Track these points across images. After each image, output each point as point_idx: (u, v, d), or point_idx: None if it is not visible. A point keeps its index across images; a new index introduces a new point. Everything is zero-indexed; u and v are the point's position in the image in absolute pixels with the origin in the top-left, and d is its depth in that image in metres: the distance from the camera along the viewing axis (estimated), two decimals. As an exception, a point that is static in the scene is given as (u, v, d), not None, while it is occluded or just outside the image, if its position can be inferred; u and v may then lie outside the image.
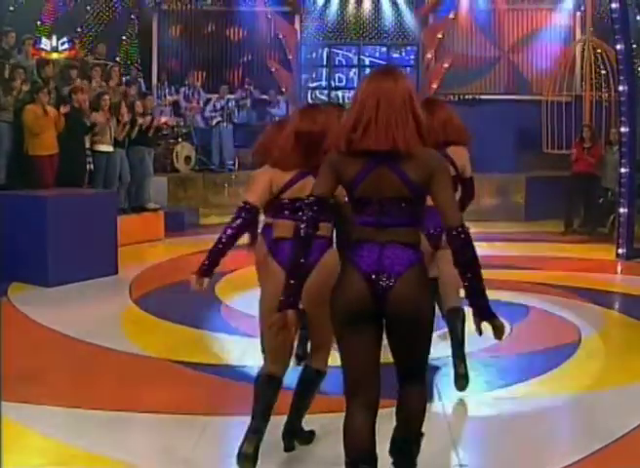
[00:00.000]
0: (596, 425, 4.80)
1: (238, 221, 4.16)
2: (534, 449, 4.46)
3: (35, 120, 10.27)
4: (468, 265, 3.26)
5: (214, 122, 15.87)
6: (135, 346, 6.29)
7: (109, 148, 11.30)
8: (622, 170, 10.37)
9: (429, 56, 16.79)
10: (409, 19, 16.99)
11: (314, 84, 16.37)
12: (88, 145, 11.24)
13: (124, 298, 7.97)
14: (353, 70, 16.35)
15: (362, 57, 16.34)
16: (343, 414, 3.45)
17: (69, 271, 8.39)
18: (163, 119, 14.62)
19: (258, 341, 6.43)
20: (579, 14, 16.52)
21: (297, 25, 17.37)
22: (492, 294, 8.06)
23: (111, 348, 6.21)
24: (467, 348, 6.16)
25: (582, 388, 5.41)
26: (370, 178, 3.26)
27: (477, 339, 6.37)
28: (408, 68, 16.25)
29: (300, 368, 4.49)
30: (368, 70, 16.24)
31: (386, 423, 3.57)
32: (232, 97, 16.32)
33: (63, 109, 10.60)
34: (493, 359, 6.05)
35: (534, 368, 5.81)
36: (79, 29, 15.95)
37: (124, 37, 16.95)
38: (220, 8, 17.40)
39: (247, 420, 4.07)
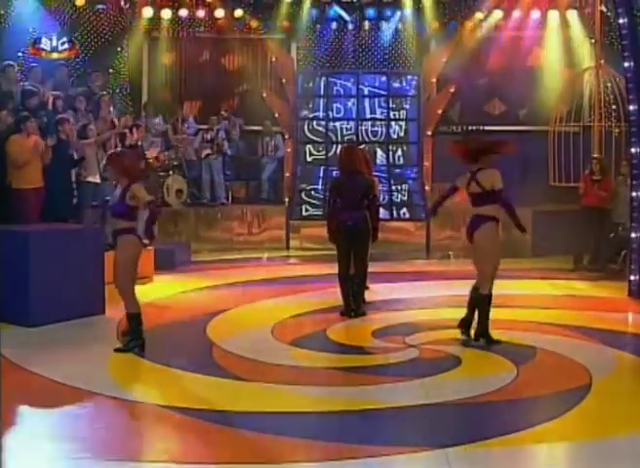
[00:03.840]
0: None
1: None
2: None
3: (20, 151, 10.29)
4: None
5: (203, 154, 15.94)
6: (122, 390, 6.27)
7: (97, 180, 11.34)
8: (634, 203, 10.39)
9: (431, 85, 16.86)
10: (409, 47, 17.13)
11: (311, 114, 16.45)
12: (74, 177, 11.28)
13: (112, 340, 7.93)
14: (352, 100, 16.43)
15: (361, 86, 16.43)
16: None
17: (53, 310, 8.36)
18: (154, 152, 14.68)
19: (250, 385, 6.45)
20: (587, 40, 16.63)
21: (293, 54, 17.49)
22: (497, 335, 8.09)
23: (97, 392, 6.17)
24: (473, 392, 6.16)
25: (594, 435, 5.39)
26: None
27: (481, 384, 6.40)
28: (409, 98, 16.34)
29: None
30: (367, 100, 16.37)
31: None
32: (218, 126, 16.42)
33: (51, 141, 10.64)
34: (498, 403, 6.02)
35: (541, 413, 5.79)
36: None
37: (113, 65, 17.04)
38: (213, 35, 17.52)
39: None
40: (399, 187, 15.90)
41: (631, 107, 10.34)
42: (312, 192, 15.81)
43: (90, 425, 5.55)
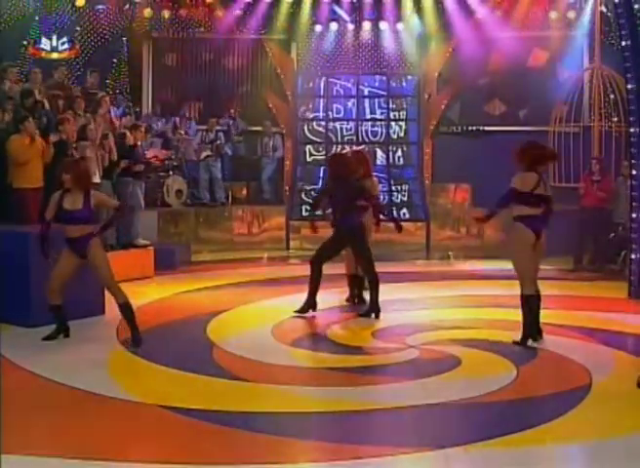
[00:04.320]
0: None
1: None
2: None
3: (21, 150, 10.28)
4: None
5: (202, 156, 15.95)
6: (122, 391, 6.26)
7: (97, 180, 11.33)
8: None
9: (431, 85, 16.87)
10: (409, 47, 17.13)
11: (311, 115, 16.45)
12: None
13: (111, 340, 7.94)
14: (352, 101, 16.45)
15: (361, 86, 16.45)
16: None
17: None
18: (153, 152, 14.68)
19: (251, 385, 6.45)
20: (587, 41, 16.64)
21: (293, 54, 17.50)
22: (498, 335, 8.12)
23: (97, 393, 6.18)
24: (473, 393, 6.16)
25: (594, 435, 5.39)
26: None
27: (481, 385, 6.40)
28: (409, 98, 16.36)
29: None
30: (367, 101, 16.39)
31: None
32: (219, 127, 16.44)
33: (53, 138, 10.64)
34: (498, 404, 6.02)
35: (542, 413, 5.78)
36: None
37: (113, 65, 17.03)
38: (213, 36, 17.52)
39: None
40: (399, 188, 15.94)
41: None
42: (312, 192, 15.83)
43: (89, 426, 5.55)
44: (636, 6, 10.07)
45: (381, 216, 9.52)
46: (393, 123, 16.37)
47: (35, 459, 4.87)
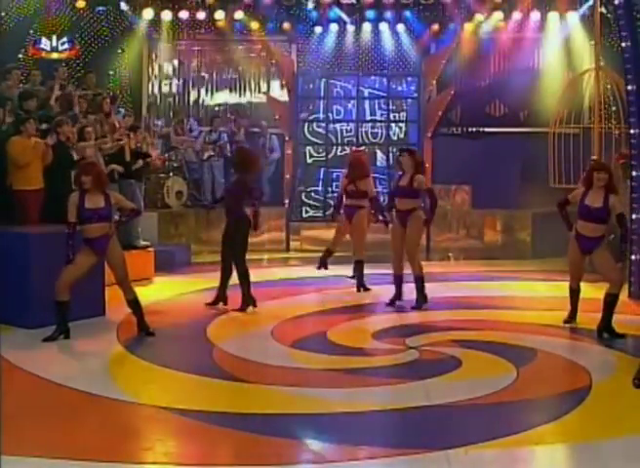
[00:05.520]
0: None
1: None
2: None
3: (21, 152, 10.28)
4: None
5: (205, 156, 15.94)
6: (123, 392, 6.27)
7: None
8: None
9: (431, 87, 16.87)
10: (409, 49, 17.13)
11: (311, 116, 16.45)
12: (74, 178, 11.26)
13: (112, 341, 7.95)
14: (352, 102, 16.45)
15: (361, 88, 16.45)
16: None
17: (53, 312, 8.34)
18: (153, 154, 14.65)
19: (250, 386, 6.45)
20: (587, 42, 16.64)
21: (293, 55, 17.50)
22: (498, 336, 8.12)
23: (98, 394, 6.18)
24: (473, 394, 6.16)
25: (595, 436, 5.39)
26: None
27: (482, 386, 6.40)
28: (409, 100, 16.36)
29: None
30: (367, 102, 16.39)
31: None
32: (224, 129, 16.41)
33: (51, 140, 10.63)
34: (498, 405, 6.03)
35: (542, 414, 5.79)
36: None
37: (113, 67, 17.02)
38: (214, 37, 17.52)
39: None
40: (399, 189, 15.93)
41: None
42: (312, 194, 15.83)
43: (90, 427, 5.55)
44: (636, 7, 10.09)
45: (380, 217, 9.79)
46: (393, 124, 16.37)
47: (35, 460, 4.88)
